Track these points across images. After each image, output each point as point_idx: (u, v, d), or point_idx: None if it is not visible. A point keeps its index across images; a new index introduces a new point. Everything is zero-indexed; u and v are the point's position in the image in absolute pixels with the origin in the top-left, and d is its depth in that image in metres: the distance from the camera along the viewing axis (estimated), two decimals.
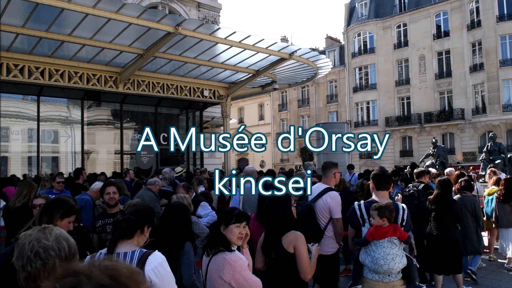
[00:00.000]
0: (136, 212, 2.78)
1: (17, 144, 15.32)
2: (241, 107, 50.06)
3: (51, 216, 3.19)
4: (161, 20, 10.50)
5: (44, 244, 1.75)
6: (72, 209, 3.35)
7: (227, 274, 2.97)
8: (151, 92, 14.36)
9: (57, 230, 1.86)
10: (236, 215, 3.19)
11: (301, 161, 41.07)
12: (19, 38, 10.51)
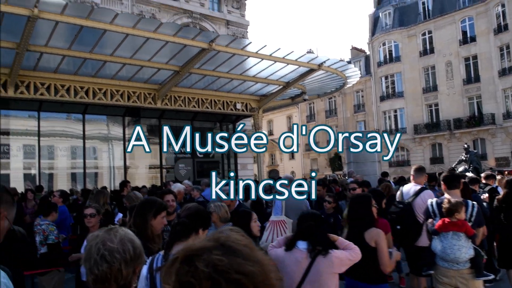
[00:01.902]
0: (190, 215, 2.84)
1: (63, 161, 15.85)
2: (270, 119, 50.20)
3: (144, 217, 3.29)
4: (196, 37, 10.77)
5: (110, 246, 1.69)
6: (162, 206, 3.45)
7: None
8: (187, 107, 14.63)
9: (122, 231, 1.80)
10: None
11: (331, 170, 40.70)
12: (65, 60, 10.95)
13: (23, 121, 14.28)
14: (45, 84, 11.43)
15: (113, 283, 1.67)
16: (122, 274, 1.68)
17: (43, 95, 11.44)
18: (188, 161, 17.79)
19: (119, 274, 1.67)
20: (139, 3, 20.45)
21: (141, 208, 3.40)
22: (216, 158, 19.34)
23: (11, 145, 14.33)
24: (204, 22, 22.43)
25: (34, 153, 14.52)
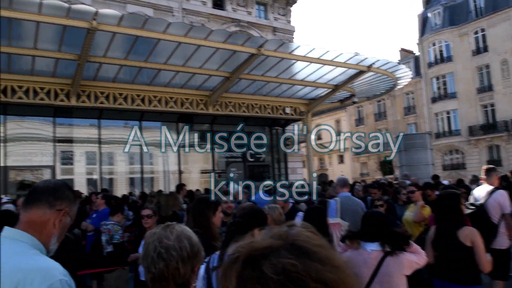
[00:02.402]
0: (245, 215, 2.73)
1: (122, 166, 16.36)
2: (318, 123, 49.56)
3: (205, 215, 3.28)
4: (245, 43, 10.76)
5: (166, 243, 1.62)
6: (216, 203, 3.46)
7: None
8: (237, 112, 14.64)
9: (179, 228, 1.72)
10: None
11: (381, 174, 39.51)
12: (122, 70, 11.28)
13: (85, 129, 14.86)
14: (105, 93, 11.82)
15: (171, 281, 1.58)
16: (180, 273, 1.59)
17: (102, 103, 11.83)
18: (239, 165, 17.82)
19: (176, 272, 1.59)
20: (189, 15, 20.86)
21: (200, 207, 3.37)
22: (266, 162, 19.27)
23: (74, 151, 14.95)
24: (251, 29, 22.52)
25: (95, 159, 15.07)
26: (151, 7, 19.97)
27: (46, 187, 1.72)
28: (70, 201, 1.76)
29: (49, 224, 1.66)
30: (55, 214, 1.68)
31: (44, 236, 1.65)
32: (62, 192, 1.73)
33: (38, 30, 8.80)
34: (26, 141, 13.82)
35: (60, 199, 1.71)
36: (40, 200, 1.67)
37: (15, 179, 13.54)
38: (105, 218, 7.00)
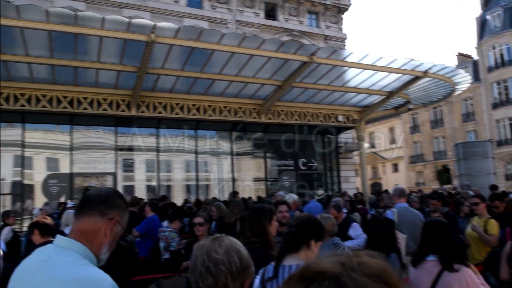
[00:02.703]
0: (301, 225, 2.60)
1: (178, 174, 16.73)
2: (371, 131, 48.23)
3: (262, 224, 3.24)
4: (297, 51, 10.66)
5: (215, 258, 1.54)
6: (272, 210, 3.41)
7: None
8: (289, 120, 14.51)
9: (228, 241, 1.63)
10: None
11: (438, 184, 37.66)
12: (179, 80, 11.55)
13: (144, 138, 15.37)
14: (162, 103, 12.14)
15: None
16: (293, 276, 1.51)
17: (161, 113, 12.15)
18: (292, 173, 17.66)
19: None
20: (243, 26, 21.11)
21: (256, 217, 3.31)
22: (319, 171, 18.96)
23: (135, 159, 15.48)
24: (303, 38, 22.39)
25: (154, 167, 15.52)
26: (207, 20, 20.44)
27: (98, 196, 1.69)
28: (121, 210, 1.71)
29: (100, 233, 1.63)
30: (106, 223, 1.65)
31: (95, 245, 1.62)
32: (113, 200, 1.70)
33: (101, 44, 9.20)
34: (90, 149, 14.51)
35: (111, 207, 1.67)
36: (91, 209, 1.64)
37: (80, 185, 14.21)
38: (152, 224, 7.10)
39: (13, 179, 13.45)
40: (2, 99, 10.36)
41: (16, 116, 12.46)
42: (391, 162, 46.93)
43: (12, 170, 13.46)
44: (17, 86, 10.48)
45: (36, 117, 12.55)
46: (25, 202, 13.41)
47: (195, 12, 20.53)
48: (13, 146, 13.26)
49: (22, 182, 13.31)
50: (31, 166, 13.79)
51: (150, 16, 18.67)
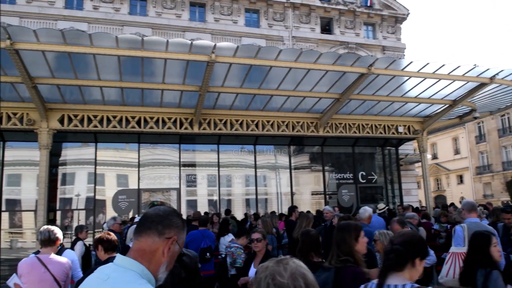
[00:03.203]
0: (404, 242, 2.47)
1: (238, 188, 16.87)
2: (433, 142, 46.02)
3: (348, 243, 3.19)
4: (354, 63, 10.46)
5: (279, 281, 1.47)
6: (358, 227, 3.34)
7: None
8: (348, 133, 14.20)
9: (293, 264, 1.55)
10: None
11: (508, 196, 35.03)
12: (238, 97, 11.73)
13: (206, 153, 15.74)
14: (223, 120, 12.39)
15: None
16: None
17: (221, 130, 12.39)
18: (351, 186, 17.20)
19: None
20: (299, 42, 21.18)
21: (342, 234, 3.24)
22: (379, 184, 18.30)
23: (197, 175, 15.85)
24: (360, 50, 22.03)
25: (215, 182, 15.79)
26: (264, 38, 20.79)
27: (156, 215, 1.68)
28: (179, 229, 1.70)
29: (158, 252, 1.62)
30: (164, 243, 1.64)
31: (153, 265, 1.61)
32: (170, 219, 1.68)
33: (165, 66, 9.59)
34: (156, 165, 15.08)
35: (169, 227, 1.66)
36: (149, 229, 1.64)
37: (147, 200, 14.75)
38: (190, 238, 7.07)
39: (87, 195, 14.26)
40: (77, 121, 11.09)
41: (90, 136, 13.28)
42: (455, 174, 44.40)
43: (86, 187, 14.30)
44: (90, 108, 11.19)
45: (107, 137, 13.30)
46: (97, 217, 14.14)
47: (253, 31, 20.95)
48: (87, 164, 14.11)
49: (94, 198, 14.08)
50: (102, 182, 14.55)
51: (210, 37, 19.30)
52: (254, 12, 21.87)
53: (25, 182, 13.98)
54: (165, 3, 20.41)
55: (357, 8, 23.03)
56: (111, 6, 19.81)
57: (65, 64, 9.26)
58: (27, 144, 13.22)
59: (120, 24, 19.59)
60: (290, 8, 21.85)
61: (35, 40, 8.32)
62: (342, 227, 3.37)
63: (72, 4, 19.70)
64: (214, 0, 20.71)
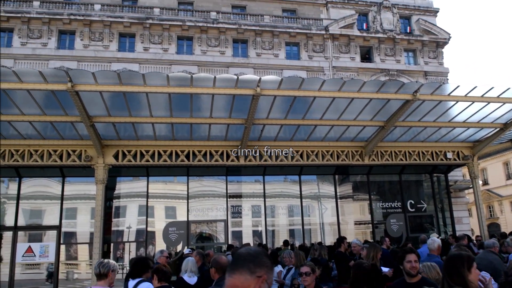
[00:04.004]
0: None
1: (283, 219, 16.69)
2: (483, 167, 43.76)
3: (460, 273, 3.10)
4: (399, 90, 10.36)
5: None
6: (470, 258, 3.23)
7: None
8: (394, 161, 13.84)
9: None
10: None
11: None
12: (282, 128, 11.82)
13: (251, 184, 15.80)
14: (268, 151, 12.47)
15: None
16: None
17: (266, 161, 12.46)
18: (399, 216, 16.56)
19: None
20: (339, 71, 21.24)
21: (454, 265, 3.13)
22: (429, 212, 17.50)
23: (243, 206, 15.88)
24: (401, 77, 21.73)
25: (260, 212, 15.73)
26: (305, 69, 21.05)
27: (248, 254, 1.79)
28: (268, 269, 1.80)
29: None
30: (255, 281, 1.72)
31: None
32: (261, 259, 1.78)
33: (213, 101, 9.88)
34: (204, 197, 15.28)
35: (260, 266, 1.75)
36: (242, 267, 1.74)
37: (195, 231, 14.89)
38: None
39: (137, 227, 14.59)
40: (131, 156, 11.53)
41: (142, 170, 13.73)
42: (508, 200, 41.77)
43: (137, 219, 14.66)
44: (143, 144, 11.65)
45: (158, 170, 13.71)
46: (147, 249, 14.38)
47: (294, 63, 21.31)
48: (138, 197, 14.53)
49: (146, 230, 14.37)
50: (152, 214, 14.88)
51: (253, 71, 19.77)
52: (294, 45, 22.25)
53: (81, 215, 14.54)
54: (210, 42, 21.22)
55: (397, 35, 22.90)
56: (160, 47, 20.83)
57: (120, 103, 9.77)
58: (83, 179, 13.85)
59: (168, 63, 20.50)
60: (329, 39, 22.07)
61: (93, 82, 8.86)
62: (454, 257, 3.25)
63: (125, 47, 20.89)
64: (255, 36, 21.32)
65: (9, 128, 10.72)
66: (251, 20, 21.77)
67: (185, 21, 21.04)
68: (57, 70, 9.26)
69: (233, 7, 23.01)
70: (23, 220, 13.59)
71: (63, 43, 20.69)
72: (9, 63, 19.49)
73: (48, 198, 14.11)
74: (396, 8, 23.65)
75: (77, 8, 20.95)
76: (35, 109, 9.75)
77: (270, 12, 22.60)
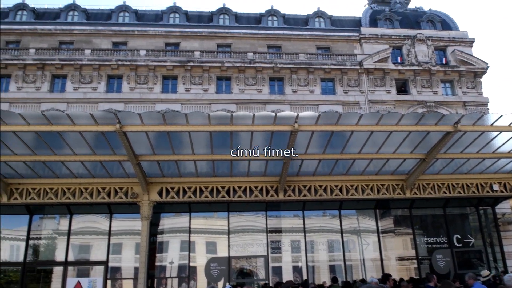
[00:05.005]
0: None
1: (323, 254, 16.21)
2: None
3: None
4: (439, 122, 10.10)
5: None
6: None
7: None
8: (437, 194, 13.30)
9: None
10: None
11: None
12: (320, 163, 11.72)
13: (290, 220, 15.56)
14: (307, 186, 12.37)
15: None
16: None
17: (305, 196, 12.33)
18: (446, 251, 15.66)
19: None
20: (375, 105, 21.06)
21: None
22: (477, 247, 16.47)
23: (282, 241, 15.61)
24: (439, 108, 21.26)
25: (300, 248, 15.38)
26: (340, 104, 21.06)
27: None
28: None
29: None
30: None
31: None
32: None
33: (251, 138, 10.01)
34: (244, 233, 15.18)
35: None
36: None
37: (235, 267, 14.71)
38: None
39: (179, 263, 14.60)
40: (174, 192, 11.76)
41: (185, 206, 13.91)
42: None
43: (179, 254, 14.70)
44: (185, 180, 11.88)
45: (199, 206, 13.83)
46: (189, 284, 14.31)
47: (329, 98, 21.41)
48: (180, 232, 14.64)
49: (188, 265, 14.36)
50: (194, 250, 14.89)
51: (289, 107, 20.00)
52: (329, 80, 22.41)
53: (126, 251, 14.76)
54: (247, 80, 21.78)
55: (432, 67, 22.60)
56: (201, 87, 21.60)
57: (164, 142, 10.09)
58: (129, 215, 14.16)
59: (208, 103, 21.16)
60: (364, 74, 22.08)
61: (139, 122, 9.24)
62: None
63: (168, 88, 21.81)
64: (291, 73, 21.68)
65: (62, 167, 11.26)
66: (286, 59, 22.22)
67: (223, 62, 21.79)
68: (107, 113, 9.73)
69: (268, 47, 23.63)
70: (72, 255, 13.97)
71: (111, 87, 21.87)
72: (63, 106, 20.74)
73: (95, 234, 14.48)
74: (430, 40, 23.45)
75: (124, 54, 22.21)
76: (86, 149, 10.22)
77: (305, 50, 23.01)
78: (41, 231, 14.42)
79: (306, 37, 23.97)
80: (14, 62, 22.04)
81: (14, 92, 21.91)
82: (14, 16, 26.17)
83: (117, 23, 25.48)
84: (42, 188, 11.71)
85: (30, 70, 22.01)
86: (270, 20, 26.04)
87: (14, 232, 14.22)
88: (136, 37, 23.78)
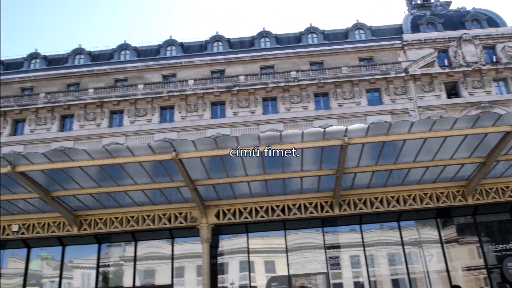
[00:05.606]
0: None
1: (385, 268, 15.55)
2: None
3: None
4: (496, 122, 9.56)
5: None
6: None
7: None
8: (502, 198, 12.47)
9: None
10: None
11: None
12: (374, 175, 11.42)
13: (347, 234, 15.13)
14: (362, 199, 12.07)
15: None
16: None
17: (361, 209, 12.04)
18: None
19: None
20: (426, 111, 20.33)
21: None
22: None
23: (341, 257, 15.18)
24: (494, 108, 20.14)
25: (359, 263, 14.87)
26: (388, 113, 20.53)
27: None
28: None
29: None
30: None
31: None
32: None
33: (302, 155, 9.98)
34: (302, 250, 14.95)
35: None
36: None
37: (295, 285, 14.46)
38: None
39: (240, 283, 14.59)
40: (230, 214, 11.92)
41: (241, 227, 13.99)
42: None
43: (238, 275, 14.71)
44: (240, 202, 12.02)
45: (256, 226, 13.84)
46: None
47: (377, 109, 20.95)
48: (239, 253, 14.67)
49: (250, 285, 14.32)
50: (253, 270, 14.85)
51: (336, 121, 19.78)
52: (375, 91, 21.98)
53: (188, 274, 15.00)
54: (292, 99, 21.89)
55: (483, 66, 21.53)
56: (248, 110, 21.99)
57: (217, 165, 10.32)
58: (189, 239, 14.44)
59: (256, 124, 21.46)
60: (411, 80, 21.46)
61: (193, 149, 9.54)
62: None
63: (217, 114, 22.41)
64: (335, 87, 21.52)
65: (125, 197, 11.80)
66: (329, 74, 22.14)
67: (268, 84, 22.09)
68: (162, 142, 10.14)
69: (311, 64, 23.68)
70: (138, 280, 14.41)
71: (164, 117, 22.83)
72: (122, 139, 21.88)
73: (158, 259, 14.88)
74: (477, 39, 22.44)
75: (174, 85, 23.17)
76: (145, 178, 10.68)
77: (347, 63, 22.81)
78: (109, 258, 15.04)
79: (347, 50, 23.79)
80: (76, 102, 23.66)
81: (77, 130, 23.47)
82: (73, 60, 28.22)
83: (166, 57, 26.74)
84: (108, 217, 12.31)
85: (90, 108, 23.53)
86: (310, 38, 26.17)
87: (84, 261, 14.94)
88: (184, 68, 24.78)
